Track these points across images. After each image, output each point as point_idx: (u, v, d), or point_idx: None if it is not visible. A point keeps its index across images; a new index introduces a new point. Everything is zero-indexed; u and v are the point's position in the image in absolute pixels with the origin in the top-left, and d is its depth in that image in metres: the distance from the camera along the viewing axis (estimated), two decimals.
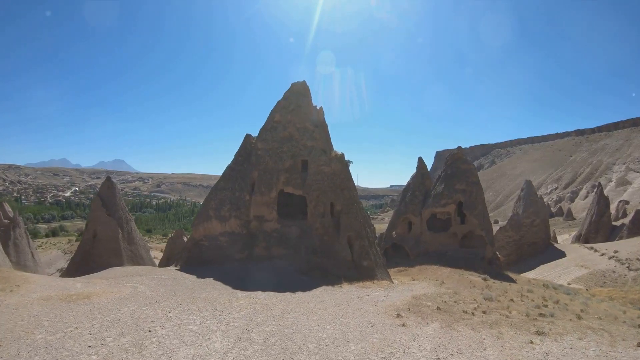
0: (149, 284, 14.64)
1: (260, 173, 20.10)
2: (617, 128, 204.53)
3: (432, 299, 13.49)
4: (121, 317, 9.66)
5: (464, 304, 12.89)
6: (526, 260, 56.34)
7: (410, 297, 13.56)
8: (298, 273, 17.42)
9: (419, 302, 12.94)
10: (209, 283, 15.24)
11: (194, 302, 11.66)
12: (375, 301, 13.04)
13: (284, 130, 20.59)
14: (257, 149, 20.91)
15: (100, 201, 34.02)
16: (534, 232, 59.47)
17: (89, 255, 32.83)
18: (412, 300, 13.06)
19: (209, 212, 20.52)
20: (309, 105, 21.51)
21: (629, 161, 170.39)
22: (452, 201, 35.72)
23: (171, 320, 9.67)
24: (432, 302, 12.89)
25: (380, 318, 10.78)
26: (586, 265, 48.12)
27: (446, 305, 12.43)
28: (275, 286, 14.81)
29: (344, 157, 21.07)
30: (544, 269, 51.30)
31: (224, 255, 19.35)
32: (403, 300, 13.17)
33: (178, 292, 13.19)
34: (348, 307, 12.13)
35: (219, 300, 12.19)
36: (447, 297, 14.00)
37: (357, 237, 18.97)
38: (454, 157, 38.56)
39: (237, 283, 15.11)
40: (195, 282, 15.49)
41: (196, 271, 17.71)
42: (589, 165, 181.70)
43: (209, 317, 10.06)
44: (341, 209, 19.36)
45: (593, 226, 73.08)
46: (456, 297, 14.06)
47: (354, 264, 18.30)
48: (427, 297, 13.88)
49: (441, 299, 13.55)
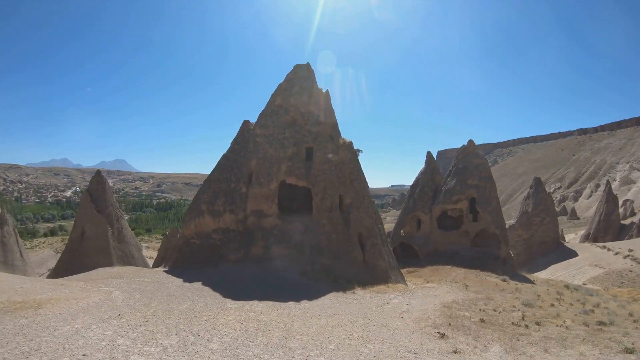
0: (126, 289, 12.46)
1: (259, 162, 17.84)
2: (620, 127, 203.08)
3: (467, 307, 11.31)
4: (52, 341, 6.95)
5: (505, 313, 10.76)
6: (536, 260, 54.30)
7: (439, 306, 11.38)
8: (302, 276, 15.18)
9: (454, 312, 10.75)
10: (195, 289, 12.87)
11: (168, 317, 9.05)
12: (400, 312, 10.83)
13: (286, 115, 18.34)
14: (255, 135, 18.64)
15: (89, 197, 31.86)
16: (543, 231, 57.39)
17: (76, 254, 30.70)
18: (445, 310, 10.88)
19: (201, 206, 18.25)
20: (313, 88, 19.32)
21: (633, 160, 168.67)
22: (465, 197, 33.60)
23: (117, 348, 6.80)
24: (469, 311, 10.71)
25: (418, 340, 8.32)
26: (600, 264, 46.15)
27: (488, 316, 10.25)
28: (275, 293, 12.49)
29: (352, 145, 18.91)
30: (556, 269, 49.30)
31: (217, 256, 17.10)
32: (433, 310, 10.97)
33: (154, 301, 10.86)
34: (370, 322, 9.73)
35: (201, 314, 9.53)
36: (481, 304, 11.86)
37: (369, 234, 16.77)
38: (465, 150, 36.41)
39: (229, 289, 12.77)
40: (179, 287, 13.18)
41: (184, 273, 15.50)
42: (592, 164, 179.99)
43: (176, 346, 7.04)
44: (351, 203, 17.10)
45: (602, 225, 71.28)
46: (492, 304, 11.94)
47: (366, 265, 16.10)
48: (459, 304, 11.69)
49: (476, 306, 11.40)
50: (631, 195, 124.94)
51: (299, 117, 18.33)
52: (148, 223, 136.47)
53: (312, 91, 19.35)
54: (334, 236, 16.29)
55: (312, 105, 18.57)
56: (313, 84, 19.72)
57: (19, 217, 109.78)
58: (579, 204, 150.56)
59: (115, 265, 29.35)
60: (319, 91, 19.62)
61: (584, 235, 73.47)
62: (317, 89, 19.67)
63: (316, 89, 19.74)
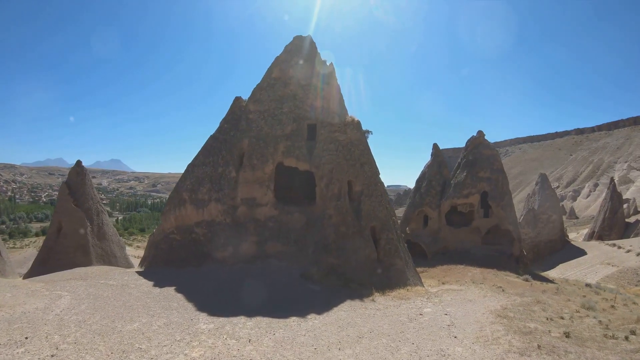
0: (80, 294, 9.82)
1: (251, 141, 15.13)
2: (617, 127, 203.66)
3: (526, 315, 8.72)
4: None
5: (578, 320, 8.28)
6: (544, 259, 52.30)
7: (491, 315, 8.83)
8: (305, 279, 12.53)
9: (518, 324, 8.09)
10: (163, 297, 10.06)
11: (94, 348, 6.02)
12: (444, 327, 8.20)
13: (285, 88, 15.65)
14: (248, 112, 15.85)
15: (67, 189, 29.01)
16: (550, 229, 55.39)
17: (52, 252, 27.83)
18: (504, 322, 8.24)
19: (182, 194, 15.44)
20: (316, 60, 16.75)
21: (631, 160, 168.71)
22: (476, 191, 31.23)
23: None
24: (535, 321, 8.15)
25: None
26: (612, 262, 44.27)
27: (563, 327, 7.72)
28: (270, 302, 9.79)
29: (360, 125, 16.36)
30: (565, 268, 47.30)
31: (201, 253, 14.37)
32: (488, 322, 8.32)
33: (98, 314, 8.13)
34: (418, 348, 6.85)
35: (151, 343, 6.48)
36: (539, 310, 9.38)
37: (384, 227, 14.12)
38: (475, 141, 34.07)
39: (209, 297, 10.03)
40: (145, 293, 10.45)
41: (158, 275, 12.78)
42: (590, 164, 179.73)
43: None
44: (362, 191, 14.38)
45: (607, 223, 69.78)
46: (550, 310, 9.49)
47: (380, 265, 13.49)
48: (514, 312, 9.07)
49: (536, 314, 8.92)
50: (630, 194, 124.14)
51: (300, 90, 15.72)
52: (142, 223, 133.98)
53: (315, 63, 16.79)
54: (342, 229, 13.57)
55: (315, 77, 15.99)
56: (315, 55, 17.17)
57: (12, 217, 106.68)
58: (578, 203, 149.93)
59: (94, 264, 26.57)
60: (322, 62, 17.05)
61: (589, 234, 71.90)
62: (321, 60, 17.10)
63: (319, 60, 17.18)
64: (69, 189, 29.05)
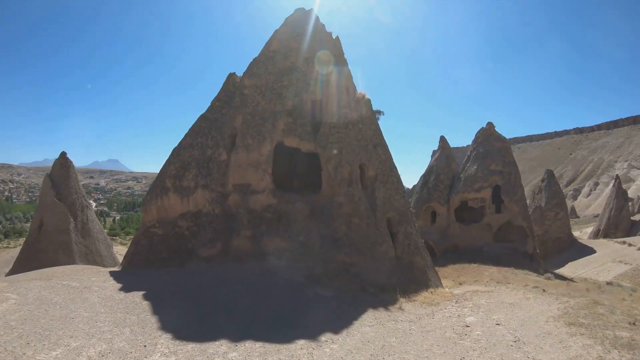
0: (28, 298, 7.84)
1: (246, 118, 13.07)
2: (616, 126, 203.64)
3: (601, 321, 6.77)
4: None
5: None
6: (551, 258, 50.62)
7: (560, 323, 6.88)
8: (311, 282, 10.32)
9: (605, 333, 6.18)
10: (123, 306, 7.87)
11: None
12: (508, 343, 6.19)
13: (285, 60, 13.56)
14: (243, 87, 13.82)
15: (50, 182, 26.95)
16: (558, 226, 53.76)
17: (33, 250, 25.73)
18: (591, 333, 6.25)
19: (166, 181, 13.34)
20: (319, 32, 14.80)
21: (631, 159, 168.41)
22: (488, 184, 29.38)
23: None
24: (622, 329, 6.25)
25: None
26: (625, 260, 42.68)
27: None
28: (267, 315, 7.50)
29: (371, 103, 14.43)
30: (575, 266, 45.66)
31: (185, 250, 12.28)
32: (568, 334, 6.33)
33: (21, 329, 6.20)
34: None
35: None
36: (607, 313, 7.50)
37: (402, 220, 12.08)
38: (485, 132, 32.24)
39: (182, 308, 7.80)
40: (103, 300, 8.24)
41: (131, 276, 10.70)
42: (590, 163, 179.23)
43: None
44: (376, 176, 12.39)
45: (613, 221, 68.58)
46: (620, 312, 7.59)
47: (399, 264, 11.49)
48: (583, 317, 7.09)
49: (607, 318, 7.01)
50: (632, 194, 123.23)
51: (302, 63, 13.71)
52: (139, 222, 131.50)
53: (318, 35, 14.81)
54: (355, 221, 11.49)
55: (320, 50, 14.02)
56: (319, 27, 15.19)
57: (9, 217, 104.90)
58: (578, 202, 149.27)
59: (78, 263, 24.49)
60: (327, 34, 15.09)
61: (594, 232, 70.64)
62: (325, 32, 15.14)
63: (323, 32, 15.20)
64: (52, 182, 27.02)
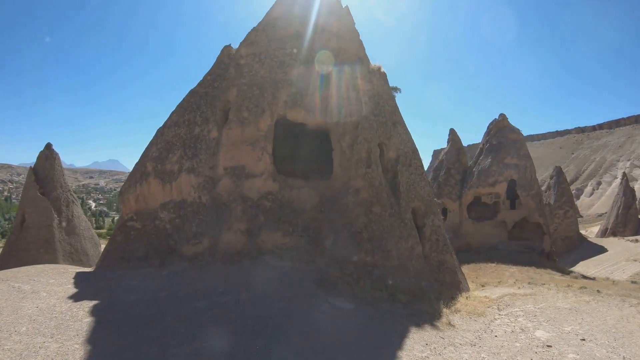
0: None
1: (241, 88, 11.05)
2: (618, 125, 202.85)
3: None
4: None
5: None
6: (561, 257, 49.02)
7: None
8: (324, 290, 8.00)
9: None
10: (55, 324, 5.76)
11: None
12: None
13: (289, 27, 11.59)
14: (239, 57, 11.85)
15: (34, 176, 25.04)
16: (567, 224, 52.17)
17: (14, 248, 23.85)
18: None
19: (146, 165, 11.18)
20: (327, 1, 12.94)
21: (633, 158, 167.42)
22: (503, 179, 27.62)
23: None
24: None
25: None
26: (639, 259, 41.09)
27: None
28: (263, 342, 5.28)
29: (387, 77, 12.56)
30: (587, 265, 44.02)
31: (166, 248, 10.20)
32: None
33: None
34: None
35: None
36: None
37: (428, 211, 10.14)
38: (498, 125, 30.48)
39: (140, 328, 5.66)
40: (37, 313, 6.15)
41: (94, 280, 8.69)
42: (592, 162, 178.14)
43: None
44: (397, 158, 10.46)
45: (621, 219, 67.21)
46: None
47: (427, 263, 9.51)
48: None
49: None
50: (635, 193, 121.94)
51: (307, 31, 11.86)
52: None
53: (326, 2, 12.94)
54: (376, 210, 9.40)
55: (327, 17, 12.14)
56: None
57: (7, 216, 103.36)
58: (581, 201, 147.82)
59: (60, 262, 22.60)
60: (337, 4, 13.21)
61: (602, 230, 69.20)
62: (336, 1, 13.27)
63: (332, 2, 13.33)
64: (36, 175, 25.12)
